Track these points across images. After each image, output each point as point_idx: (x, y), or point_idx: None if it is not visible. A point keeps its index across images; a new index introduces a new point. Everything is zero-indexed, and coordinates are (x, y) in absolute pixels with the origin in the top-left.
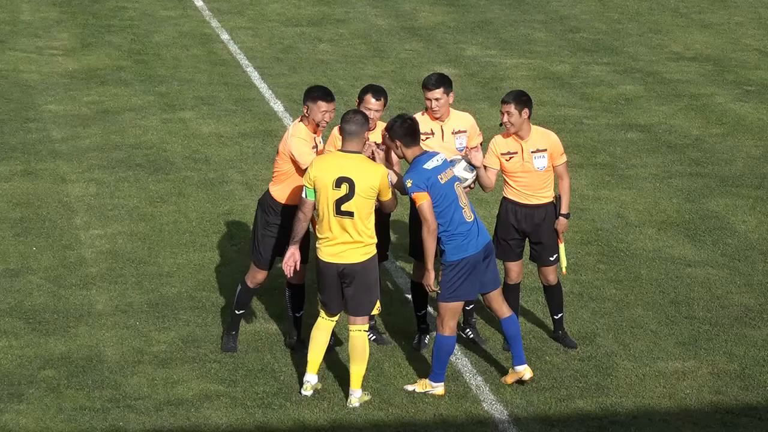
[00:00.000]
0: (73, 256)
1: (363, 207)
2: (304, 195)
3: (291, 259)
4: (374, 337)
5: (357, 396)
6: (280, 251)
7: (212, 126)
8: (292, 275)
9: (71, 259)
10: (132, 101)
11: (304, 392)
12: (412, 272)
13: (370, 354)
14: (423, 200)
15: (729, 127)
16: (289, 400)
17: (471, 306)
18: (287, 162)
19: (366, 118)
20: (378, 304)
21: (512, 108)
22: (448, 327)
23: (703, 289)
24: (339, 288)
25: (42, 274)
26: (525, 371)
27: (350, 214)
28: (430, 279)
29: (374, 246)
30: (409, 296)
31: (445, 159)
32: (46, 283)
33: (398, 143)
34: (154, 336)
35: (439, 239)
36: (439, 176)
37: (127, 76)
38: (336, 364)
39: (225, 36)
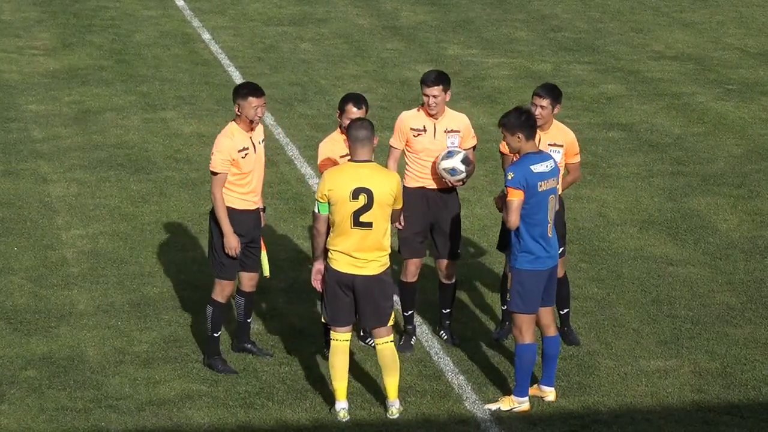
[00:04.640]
0: (54, 256)
1: (381, 217)
2: (316, 210)
3: (318, 275)
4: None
5: (396, 407)
6: (238, 257)
7: (194, 126)
8: (321, 290)
9: (52, 259)
10: (113, 101)
11: (342, 420)
12: (401, 273)
13: (352, 353)
14: (515, 197)
15: (710, 126)
16: (271, 399)
17: (448, 310)
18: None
19: (371, 123)
20: (393, 314)
21: (547, 102)
22: (528, 335)
23: (685, 288)
24: (351, 299)
25: (23, 274)
26: (551, 393)
27: (369, 225)
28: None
29: (388, 257)
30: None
31: (554, 166)
32: (28, 283)
33: (520, 135)
34: (135, 336)
35: (512, 243)
36: (539, 182)
37: (108, 76)
38: (317, 364)
39: (206, 35)
